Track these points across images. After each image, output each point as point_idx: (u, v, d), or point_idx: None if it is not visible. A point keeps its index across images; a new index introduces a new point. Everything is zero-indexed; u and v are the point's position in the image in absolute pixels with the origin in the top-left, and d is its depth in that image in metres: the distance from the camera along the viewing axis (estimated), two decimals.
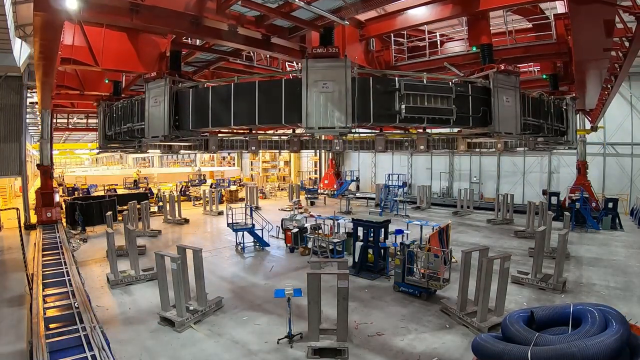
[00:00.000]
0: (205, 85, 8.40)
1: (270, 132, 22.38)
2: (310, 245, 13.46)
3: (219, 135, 19.99)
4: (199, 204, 25.29)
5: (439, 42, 10.76)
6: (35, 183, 30.58)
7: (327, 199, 28.26)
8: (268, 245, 14.45)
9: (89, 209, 18.28)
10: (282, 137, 22.83)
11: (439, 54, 10.58)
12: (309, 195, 28.24)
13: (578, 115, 14.90)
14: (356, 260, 11.31)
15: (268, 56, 12.37)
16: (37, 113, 22.21)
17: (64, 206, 19.70)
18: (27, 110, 20.68)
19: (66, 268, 9.65)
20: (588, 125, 18.72)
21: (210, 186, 30.59)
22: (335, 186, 30.30)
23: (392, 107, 7.45)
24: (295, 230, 13.91)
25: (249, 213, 14.59)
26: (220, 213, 22.48)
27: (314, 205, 26.07)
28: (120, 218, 18.13)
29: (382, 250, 11.30)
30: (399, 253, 10.99)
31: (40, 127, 18.27)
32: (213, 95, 7.98)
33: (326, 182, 31.14)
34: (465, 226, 18.69)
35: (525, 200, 22.96)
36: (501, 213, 19.37)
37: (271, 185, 34.84)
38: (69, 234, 15.78)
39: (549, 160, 23.71)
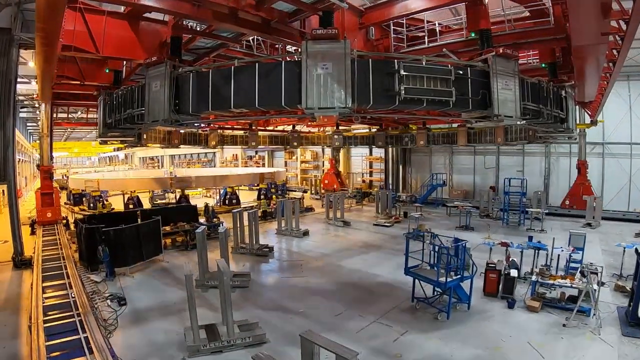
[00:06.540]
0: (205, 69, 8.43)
1: (270, 127, 22.49)
2: (532, 292, 9.55)
3: (219, 130, 20.15)
4: (271, 219, 20.33)
5: (438, 32, 10.85)
6: (34, 185, 28.99)
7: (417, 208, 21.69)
8: (469, 299, 9.44)
9: (119, 238, 11.45)
10: (283, 132, 23.00)
11: (438, 42, 10.67)
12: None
13: (577, 108, 14.93)
14: None
15: (268, 46, 12.45)
16: (36, 105, 20.33)
17: (71, 227, 14.91)
18: (25, 103, 17.74)
19: None
20: (588, 120, 18.78)
21: (259, 192, 25.59)
22: (335, 186, 30.09)
23: (391, 89, 7.51)
24: (514, 272, 9.89)
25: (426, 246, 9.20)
26: (306, 233, 17.18)
27: (407, 217, 20.11)
28: (173, 241, 14.41)
29: None
30: None
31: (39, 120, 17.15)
32: (213, 78, 8.04)
33: (326, 182, 30.96)
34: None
35: (631, 207, 20.59)
36: None
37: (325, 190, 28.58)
38: (88, 283, 10.28)
39: None
